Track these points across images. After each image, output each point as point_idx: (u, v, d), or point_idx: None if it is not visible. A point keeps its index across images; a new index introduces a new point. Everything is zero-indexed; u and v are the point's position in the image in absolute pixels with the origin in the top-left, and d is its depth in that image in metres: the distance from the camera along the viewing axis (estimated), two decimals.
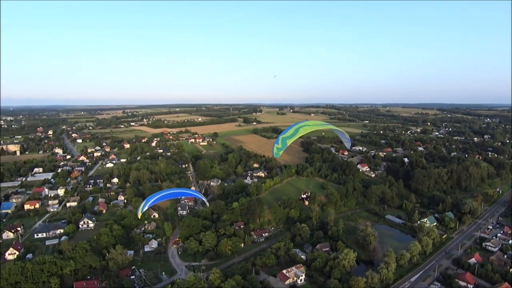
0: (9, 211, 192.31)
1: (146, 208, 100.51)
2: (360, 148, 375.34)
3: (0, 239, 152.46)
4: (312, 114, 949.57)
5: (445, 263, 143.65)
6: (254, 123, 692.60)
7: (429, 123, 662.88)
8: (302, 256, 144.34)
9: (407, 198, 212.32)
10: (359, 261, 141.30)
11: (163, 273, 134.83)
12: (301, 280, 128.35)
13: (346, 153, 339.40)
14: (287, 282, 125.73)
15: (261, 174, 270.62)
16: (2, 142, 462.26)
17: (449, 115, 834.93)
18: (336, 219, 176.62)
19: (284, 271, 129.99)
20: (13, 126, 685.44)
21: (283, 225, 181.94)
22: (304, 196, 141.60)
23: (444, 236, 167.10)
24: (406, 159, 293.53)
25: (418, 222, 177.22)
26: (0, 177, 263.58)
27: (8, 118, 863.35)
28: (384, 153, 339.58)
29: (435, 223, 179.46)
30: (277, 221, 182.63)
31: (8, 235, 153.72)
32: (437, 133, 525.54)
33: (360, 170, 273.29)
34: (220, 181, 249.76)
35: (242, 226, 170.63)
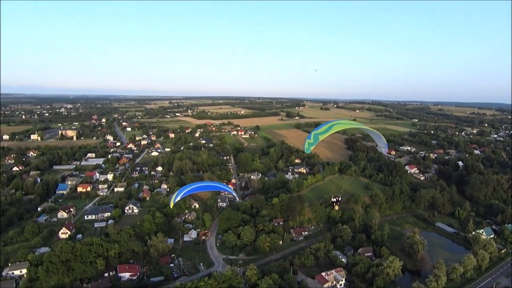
0: (65, 192, 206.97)
1: (178, 198, 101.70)
2: (409, 148, 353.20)
3: (55, 218, 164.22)
4: (357, 111, 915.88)
5: (503, 281, 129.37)
6: (297, 117, 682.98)
7: (486, 124, 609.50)
8: (343, 259, 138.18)
9: (461, 206, 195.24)
10: (404, 270, 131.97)
11: (201, 264, 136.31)
12: (340, 285, 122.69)
13: (393, 152, 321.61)
14: (325, 285, 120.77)
15: (303, 170, 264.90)
16: (62, 127, 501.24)
17: (510, 116, 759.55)
18: (381, 222, 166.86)
19: (323, 274, 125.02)
20: (71, 113, 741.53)
21: (324, 225, 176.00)
22: (334, 200, 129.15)
23: (503, 251, 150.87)
24: (460, 163, 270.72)
25: (473, 232, 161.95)
26: (58, 160, 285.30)
27: (68, 106, 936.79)
28: (435, 155, 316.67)
29: (493, 236, 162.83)
30: (318, 220, 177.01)
31: (62, 214, 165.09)
32: (496, 135, 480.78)
33: (408, 171, 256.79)
34: (260, 175, 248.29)
35: (281, 223, 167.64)
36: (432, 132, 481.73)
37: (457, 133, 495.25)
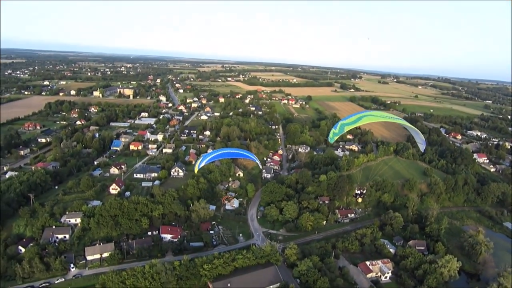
0: (118, 148, 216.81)
1: (202, 164, 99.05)
2: (479, 133, 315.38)
3: (108, 173, 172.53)
4: (420, 87, 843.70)
5: None
6: (352, 90, 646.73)
7: None
8: (391, 250, 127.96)
9: None
10: (461, 271, 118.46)
11: (240, 234, 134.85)
12: (386, 277, 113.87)
13: (459, 136, 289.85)
14: (369, 275, 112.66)
15: (354, 147, 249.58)
16: (121, 86, 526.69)
17: None
18: (439, 215, 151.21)
19: (368, 263, 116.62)
20: (130, 72, 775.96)
21: (372, 209, 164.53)
22: (358, 192, 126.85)
23: None
24: None
25: None
26: (115, 117, 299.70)
27: (128, 65, 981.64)
28: None
29: None
30: (366, 204, 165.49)
31: (114, 170, 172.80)
32: None
33: (476, 160, 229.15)
34: (309, 148, 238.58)
35: (326, 202, 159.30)
36: (509, 117, 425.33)
37: None
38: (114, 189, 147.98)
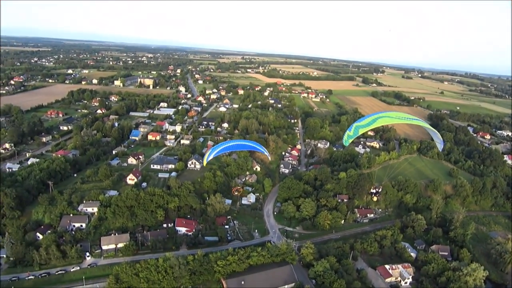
0: (137, 138, 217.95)
1: (211, 157, 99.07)
2: (509, 133, 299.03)
3: (125, 163, 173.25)
4: (446, 82, 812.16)
5: None
6: (374, 84, 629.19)
7: None
8: (412, 254, 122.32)
9: None
10: (486, 281, 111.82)
11: (256, 230, 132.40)
12: (406, 283, 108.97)
13: (488, 136, 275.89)
14: (388, 279, 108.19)
15: (375, 144, 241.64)
16: (141, 75, 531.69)
17: None
18: (465, 219, 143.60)
19: (387, 267, 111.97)
20: (151, 62, 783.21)
21: (393, 210, 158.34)
22: (374, 191, 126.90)
23: None
24: None
25: None
26: (134, 107, 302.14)
27: (149, 55, 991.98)
28: None
29: None
30: (387, 204, 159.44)
31: (132, 161, 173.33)
32: None
33: (507, 162, 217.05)
34: (328, 144, 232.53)
35: (345, 200, 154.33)
36: None
37: None
38: (131, 179, 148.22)
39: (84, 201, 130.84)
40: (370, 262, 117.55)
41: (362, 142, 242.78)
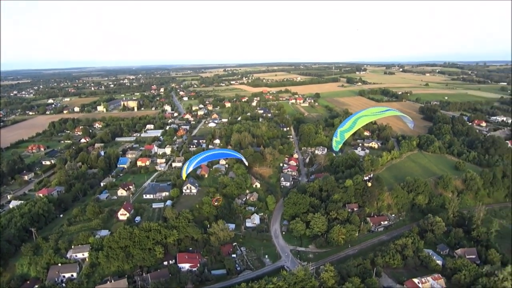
0: (125, 166, 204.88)
1: (190, 169, 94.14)
2: (504, 118, 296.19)
3: (115, 196, 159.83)
4: (428, 74, 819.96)
5: None
6: (359, 83, 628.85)
7: None
8: (438, 261, 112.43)
9: None
10: None
11: (266, 256, 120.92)
12: None
13: (484, 124, 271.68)
14: None
15: (374, 144, 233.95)
16: (124, 98, 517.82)
17: None
18: (487, 216, 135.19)
19: (416, 280, 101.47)
20: (133, 84, 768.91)
21: (406, 214, 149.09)
22: (367, 178, 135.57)
23: None
24: None
25: None
26: (120, 132, 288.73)
27: (131, 77, 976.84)
28: None
29: None
30: (399, 208, 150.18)
31: (122, 192, 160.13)
32: None
33: (510, 148, 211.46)
34: (326, 149, 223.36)
35: (355, 209, 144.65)
36: None
37: None
38: (122, 214, 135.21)
39: (73, 246, 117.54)
40: (395, 276, 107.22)
41: (360, 144, 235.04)
